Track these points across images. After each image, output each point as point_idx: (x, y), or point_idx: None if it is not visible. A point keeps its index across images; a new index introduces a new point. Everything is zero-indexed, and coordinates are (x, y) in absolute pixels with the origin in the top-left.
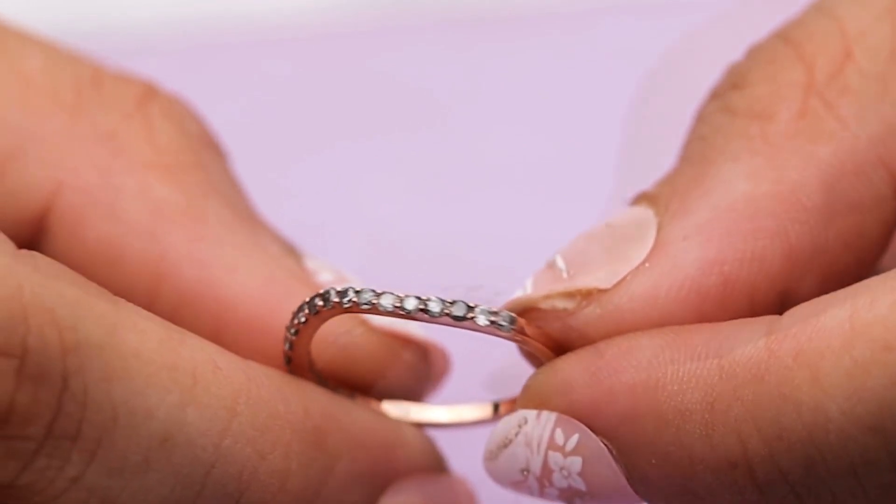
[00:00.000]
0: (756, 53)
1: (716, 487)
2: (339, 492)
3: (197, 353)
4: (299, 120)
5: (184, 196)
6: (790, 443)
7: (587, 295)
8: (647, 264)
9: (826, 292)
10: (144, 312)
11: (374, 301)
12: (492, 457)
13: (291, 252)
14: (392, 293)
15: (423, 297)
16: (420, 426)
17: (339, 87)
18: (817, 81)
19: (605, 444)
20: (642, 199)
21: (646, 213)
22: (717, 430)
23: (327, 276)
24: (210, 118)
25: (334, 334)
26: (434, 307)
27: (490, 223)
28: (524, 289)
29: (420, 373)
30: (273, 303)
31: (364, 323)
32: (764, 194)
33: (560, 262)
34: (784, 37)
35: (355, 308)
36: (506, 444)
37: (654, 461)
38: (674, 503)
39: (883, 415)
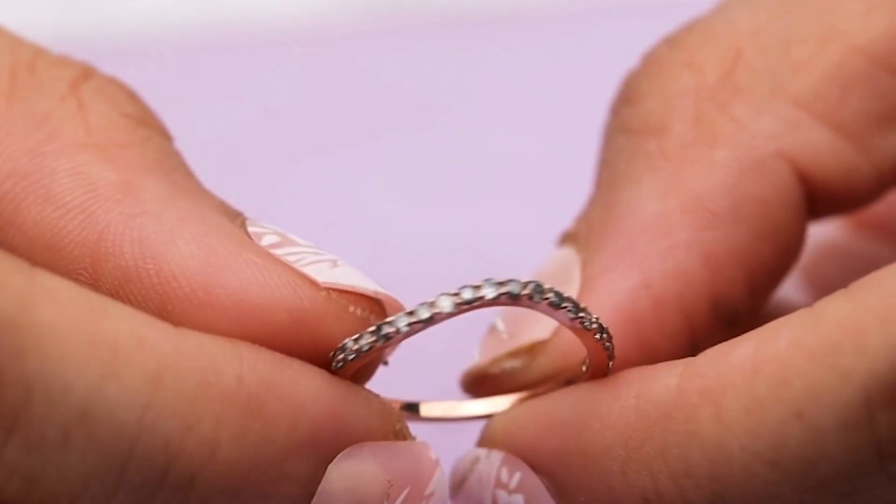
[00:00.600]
0: (646, 63)
1: None
2: (280, 462)
3: (120, 324)
4: (298, 121)
5: (118, 173)
6: (697, 479)
7: (530, 350)
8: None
9: (755, 291)
10: (66, 284)
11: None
12: (454, 491)
13: (235, 219)
14: (444, 295)
15: (475, 284)
16: (461, 419)
17: (338, 90)
18: (708, 85)
19: (545, 483)
20: (565, 239)
21: (569, 253)
22: (631, 466)
23: (271, 239)
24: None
25: (280, 302)
26: (489, 291)
27: (488, 223)
28: (473, 358)
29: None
30: (216, 272)
31: (309, 283)
32: (673, 209)
33: (500, 324)
34: (673, 42)
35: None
36: (463, 480)
37: (583, 498)
38: None
39: (781, 450)
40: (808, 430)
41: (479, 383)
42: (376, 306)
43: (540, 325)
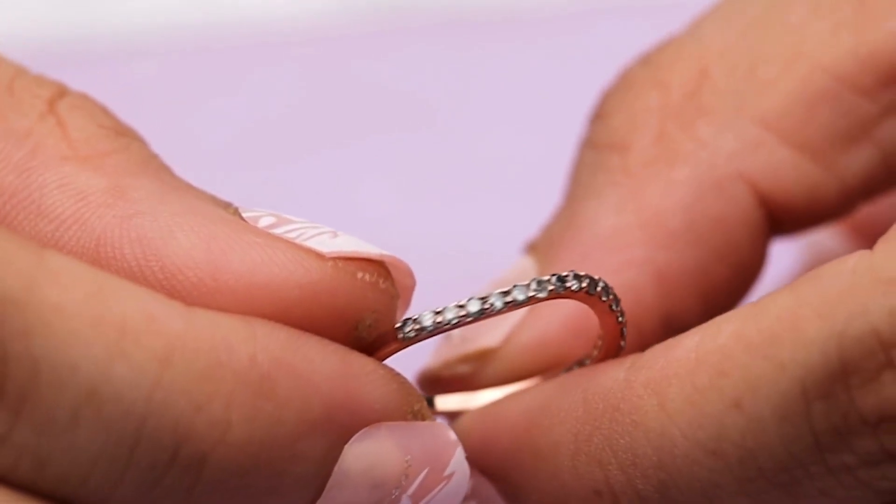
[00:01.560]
0: (618, 80)
1: None
2: (293, 442)
3: (129, 303)
4: (297, 122)
5: (106, 179)
6: (644, 468)
7: (481, 356)
8: (529, 314)
9: (711, 309)
10: (75, 263)
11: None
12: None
13: (228, 207)
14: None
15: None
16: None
17: (336, 91)
18: (673, 104)
19: (496, 487)
20: (528, 249)
21: (527, 262)
22: (581, 459)
23: (268, 220)
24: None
25: (290, 278)
26: (497, 301)
27: (488, 224)
28: (429, 359)
29: (384, 291)
30: (220, 258)
31: (315, 255)
32: (629, 225)
33: (455, 331)
34: (645, 61)
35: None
36: None
37: (534, 497)
38: None
39: (721, 439)
40: (747, 421)
41: (432, 385)
42: (383, 270)
43: (491, 333)
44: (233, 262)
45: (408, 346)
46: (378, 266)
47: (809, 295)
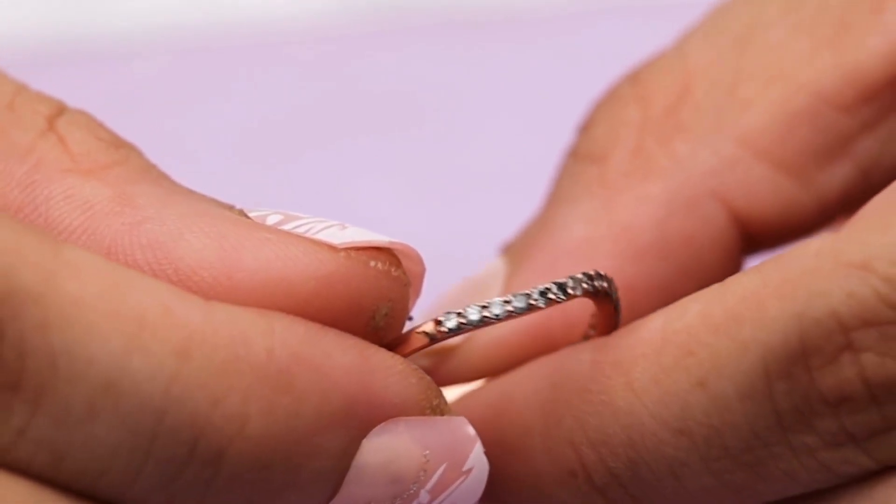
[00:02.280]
0: (606, 94)
1: (565, 497)
2: (311, 436)
3: (147, 296)
4: (296, 121)
5: (110, 188)
6: (614, 447)
7: (440, 353)
8: None
9: None
10: (93, 257)
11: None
12: None
13: (232, 209)
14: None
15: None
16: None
17: (335, 91)
18: (653, 119)
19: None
20: (503, 251)
21: (499, 264)
22: (552, 441)
23: (275, 218)
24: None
25: (304, 271)
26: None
27: (485, 224)
28: None
29: (396, 278)
30: (233, 256)
31: (327, 247)
32: (600, 236)
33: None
34: (632, 77)
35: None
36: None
37: (509, 485)
38: None
39: (687, 418)
40: (711, 399)
41: None
42: (394, 258)
43: None
44: (246, 260)
45: (440, 340)
46: (389, 254)
47: (773, 276)
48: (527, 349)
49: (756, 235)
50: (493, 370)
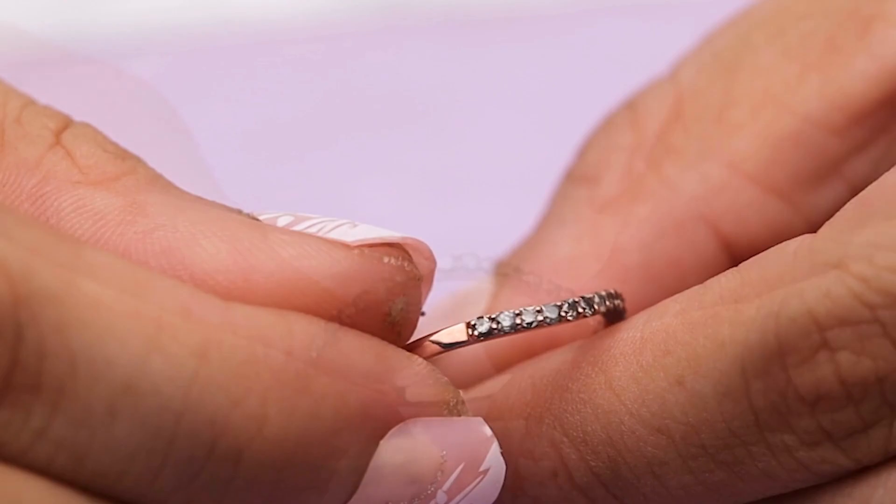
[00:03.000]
0: (604, 120)
1: (547, 499)
2: (329, 437)
3: (166, 298)
4: (295, 120)
5: (120, 198)
6: (594, 445)
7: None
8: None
9: None
10: (112, 258)
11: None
12: None
13: (241, 212)
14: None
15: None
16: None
17: (334, 89)
18: (644, 143)
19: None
20: (495, 267)
21: (487, 280)
22: (533, 441)
23: (286, 220)
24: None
25: (319, 270)
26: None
27: (485, 222)
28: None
29: (409, 273)
30: (249, 259)
31: (341, 245)
32: (585, 256)
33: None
34: (628, 103)
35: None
36: None
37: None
38: None
39: (665, 416)
40: (689, 398)
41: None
42: (406, 253)
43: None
44: (261, 262)
45: (471, 344)
46: (401, 249)
47: (751, 275)
48: (551, 336)
49: (744, 259)
50: (517, 352)
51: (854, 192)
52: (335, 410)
